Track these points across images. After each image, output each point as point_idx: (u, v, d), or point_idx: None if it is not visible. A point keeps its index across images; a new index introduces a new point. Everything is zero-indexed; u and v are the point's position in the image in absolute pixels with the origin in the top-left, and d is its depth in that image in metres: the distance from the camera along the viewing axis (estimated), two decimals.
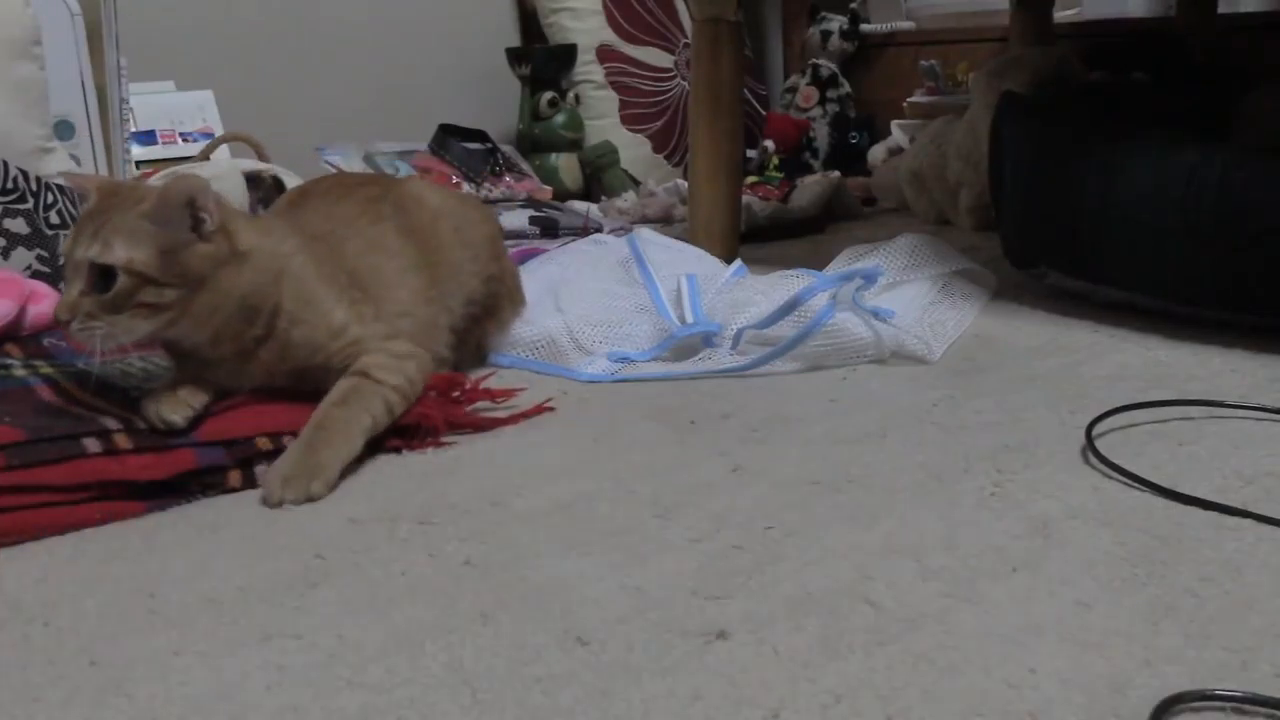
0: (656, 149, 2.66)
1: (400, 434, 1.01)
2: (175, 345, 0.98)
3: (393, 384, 0.99)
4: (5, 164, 1.43)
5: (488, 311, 1.24)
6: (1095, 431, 0.94)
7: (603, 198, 2.44)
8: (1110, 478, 0.86)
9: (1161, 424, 0.98)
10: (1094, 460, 0.89)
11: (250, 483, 0.92)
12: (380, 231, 1.12)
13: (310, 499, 0.89)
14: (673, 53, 2.75)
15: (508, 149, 2.37)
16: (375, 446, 0.99)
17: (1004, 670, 0.61)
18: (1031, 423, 1.00)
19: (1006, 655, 0.63)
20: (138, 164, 1.85)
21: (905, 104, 2.60)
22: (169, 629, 0.70)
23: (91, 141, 1.63)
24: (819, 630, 0.66)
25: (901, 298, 1.31)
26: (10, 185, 1.43)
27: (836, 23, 2.86)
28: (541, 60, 2.59)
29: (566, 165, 2.54)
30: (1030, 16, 2.23)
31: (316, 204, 1.14)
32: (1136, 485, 0.84)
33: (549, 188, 2.35)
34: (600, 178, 2.55)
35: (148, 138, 2.04)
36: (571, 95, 2.61)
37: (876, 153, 2.58)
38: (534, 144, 2.54)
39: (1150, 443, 0.93)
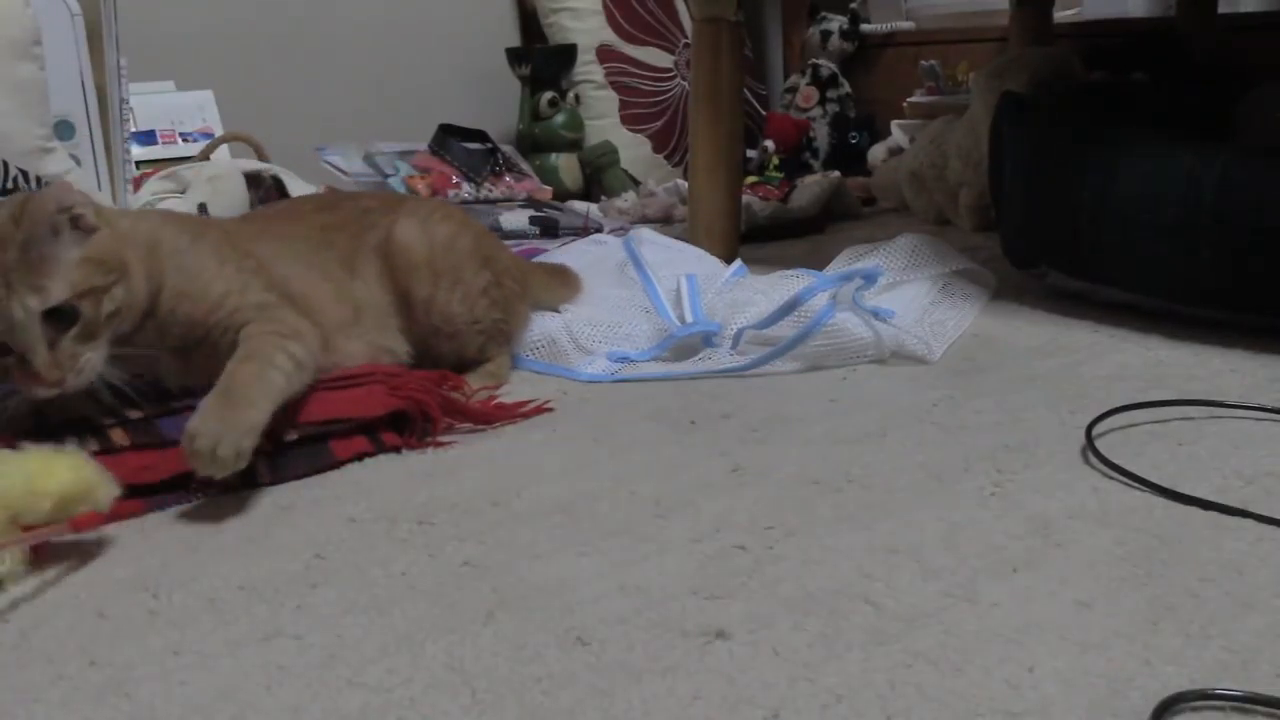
0: (656, 149, 2.66)
1: (397, 428, 1.01)
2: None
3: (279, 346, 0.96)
4: (5, 164, 1.43)
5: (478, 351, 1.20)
6: (1095, 431, 0.94)
7: (603, 198, 2.44)
8: (1110, 478, 0.86)
9: (1161, 424, 0.98)
10: (1094, 460, 0.89)
11: (250, 481, 0.92)
12: (325, 256, 1.11)
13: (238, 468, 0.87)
14: (673, 53, 2.75)
15: (508, 149, 2.37)
16: (377, 444, 0.99)
17: (1004, 670, 0.61)
18: (1031, 423, 1.00)
19: (1006, 655, 0.63)
20: (137, 164, 1.85)
21: (905, 104, 2.60)
22: (169, 629, 0.70)
23: (91, 141, 1.63)
24: (819, 630, 0.66)
25: (902, 298, 1.31)
26: (10, 185, 1.43)
27: (836, 23, 2.86)
28: (541, 60, 2.59)
29: (566, 165, 2.54)
30: (1030, 16, 2.23)
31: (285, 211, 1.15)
32: (1136, 485, 0.84)
33: (549, 188, 2.34)
34: (600, 178, 2.55)
35: (148, 138, 2.04)
36: (571, 95, 2.61)
37: (876, 153, 2.58)
38: (534, 144, 2.54)
39: (1150, 443, 0.93)
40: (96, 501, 0.80)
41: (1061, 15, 2.43)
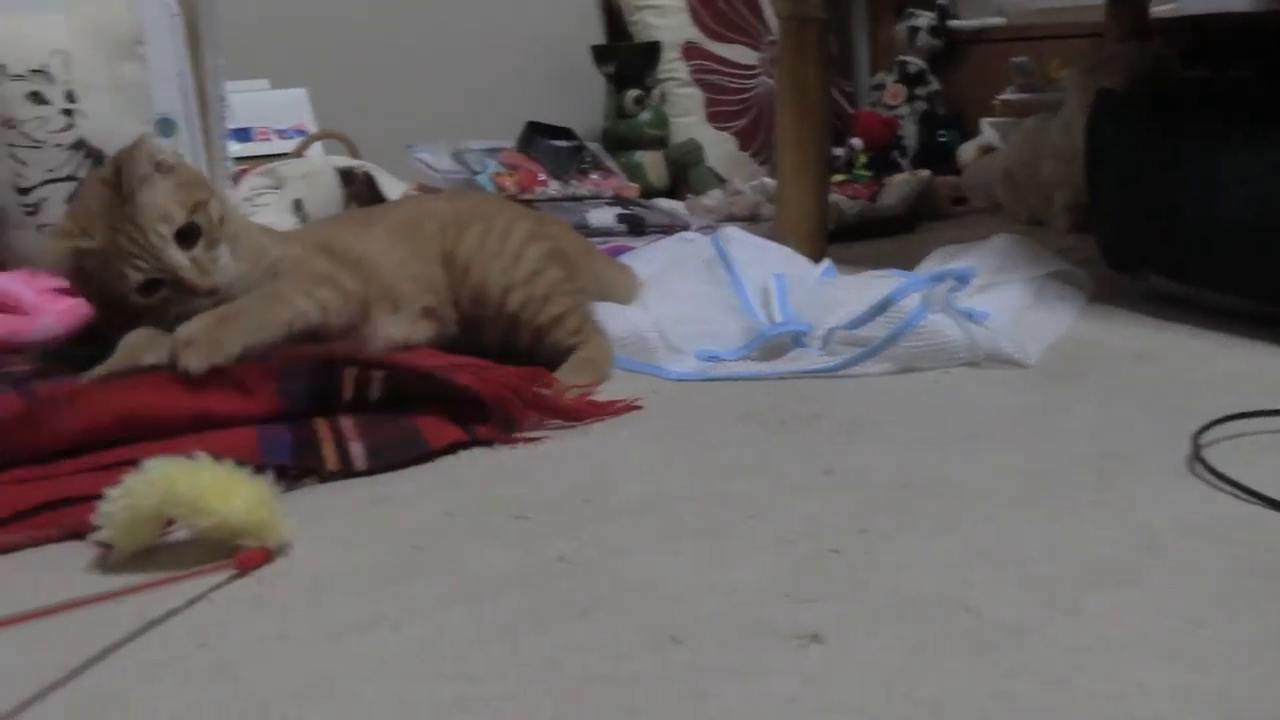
0: (742, 146, 2.65)
1: (482, 418, 1.02)
2: None
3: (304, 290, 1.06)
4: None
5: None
6: (1202, 440, 0.91)
7: (688, 195, 2.44)
8: (1219, 489, 0.84)
9: (1273, 434, 0.95)
10: (1201, 471, 0.87)
11: (348, 470, 0.94)
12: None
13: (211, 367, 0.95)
14: (758, 49, 2.74)
15: (594, 146, 2.38)
16: (470, 437, 1.00)
17: (1113, 685, 0.60)
18: (1133, 430, 0.97)
19: (1114, 670, 0.61)
20: (235, 160, 1.89)
21: (996, 101, 2.56)
22: (274, 614, 0.71)
23: (191, 139, 1.67)
24: (916, 637, 0.65)
25: (995, 300, 1.29)
26: None
27: (924, 19, 2.82)
28: (626, 58, 2.60)
29: (652, 162, 2.54)
30: (1126, 11, 2.17)
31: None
32: (1247, 497, 0.82)
33: (635, 185, 2.35)
34: (686, 175, 2.55)
35: (244, 135, 2.09)
36: (657, 92, 2.62)
37: (966, 151, 2.54)
38: (620, 141, 2.55)
39: (1262, 454, 0.90)
40: (265, 539, 0.78)
41: (1159, 10, 2.37)
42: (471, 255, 1.21)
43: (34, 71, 1.43)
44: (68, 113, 1.45)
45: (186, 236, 1.03)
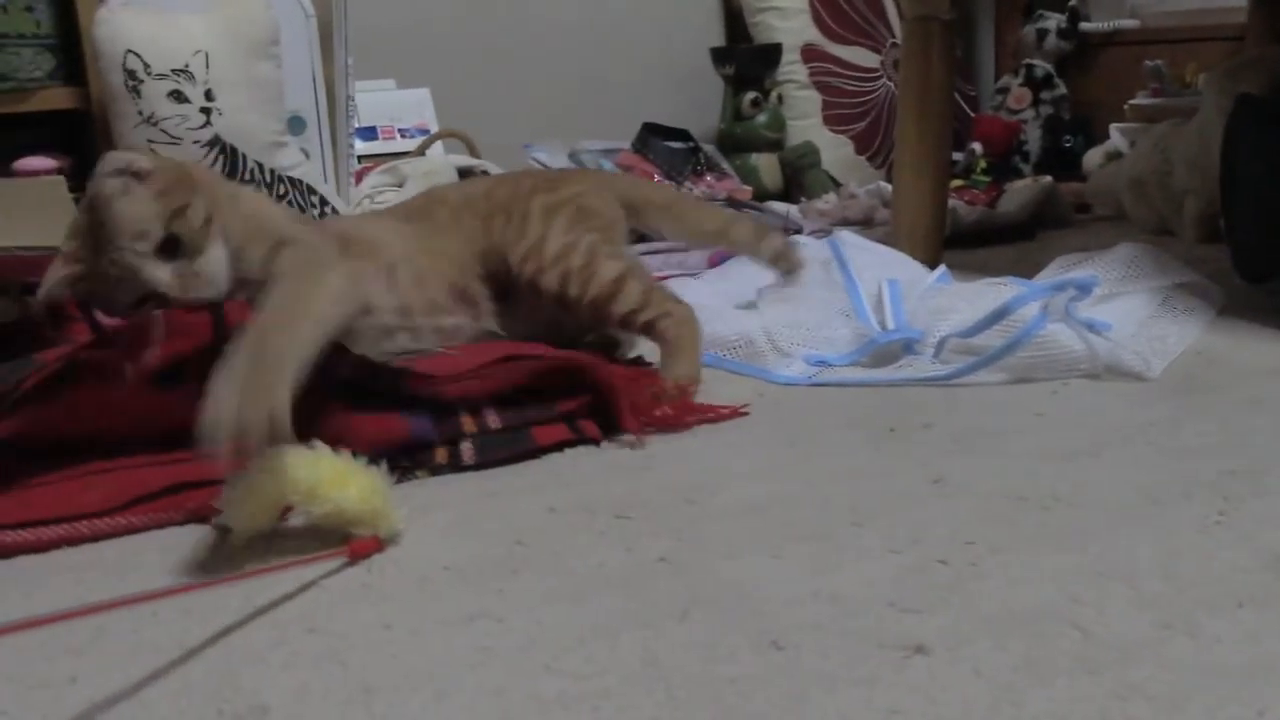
0: (859, 150, 2.63)
1: (591, 414, 1.03)
2: None
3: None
4: (243, 156, 1.53)
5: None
6: None
7: (802, 199, 2.42)
8: None
9: None
10: None
11: (455, 463, 0.96)
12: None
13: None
14: (879, 52, 2.70)
15: (709, 148, 2.39)
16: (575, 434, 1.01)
17: (1229, 711, 0.57)
18: (1261, 448, 0.93)
19: (1231, 695, 0.59)
20: (359, 158, 1.95)
21: (1127, 106, 2.48)
22: (381, 603, 0.73)
23: (320, 136, 1.73)
24: (1023, 652, 0.64)
25: (1118, 310, 1.25)
26: (247, 176, 1.53)
27: (1054, 21, 2.75)
28: (746, 60, 2.59)
29: (767, 165, 2.53)
30: (1270, 14, 2.08)
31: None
32: None
33: (749, 188, 2.34)
34: (801, 179, 2.53)
35: (369, 133, 2.15)
36: (774, 95, 2.60)
37: (1093, 157, 2.47)
38: (735, 143, 2.55)
39: None
40: (377, 527, 0.80)
41: None
42: (500, 240, 1.17)
43: (176, 71, 1.49)
44: (205, 111, 1.51)
45: (168, 249, 0.96)
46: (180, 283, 0.96)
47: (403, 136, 2.17)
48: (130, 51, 1.46)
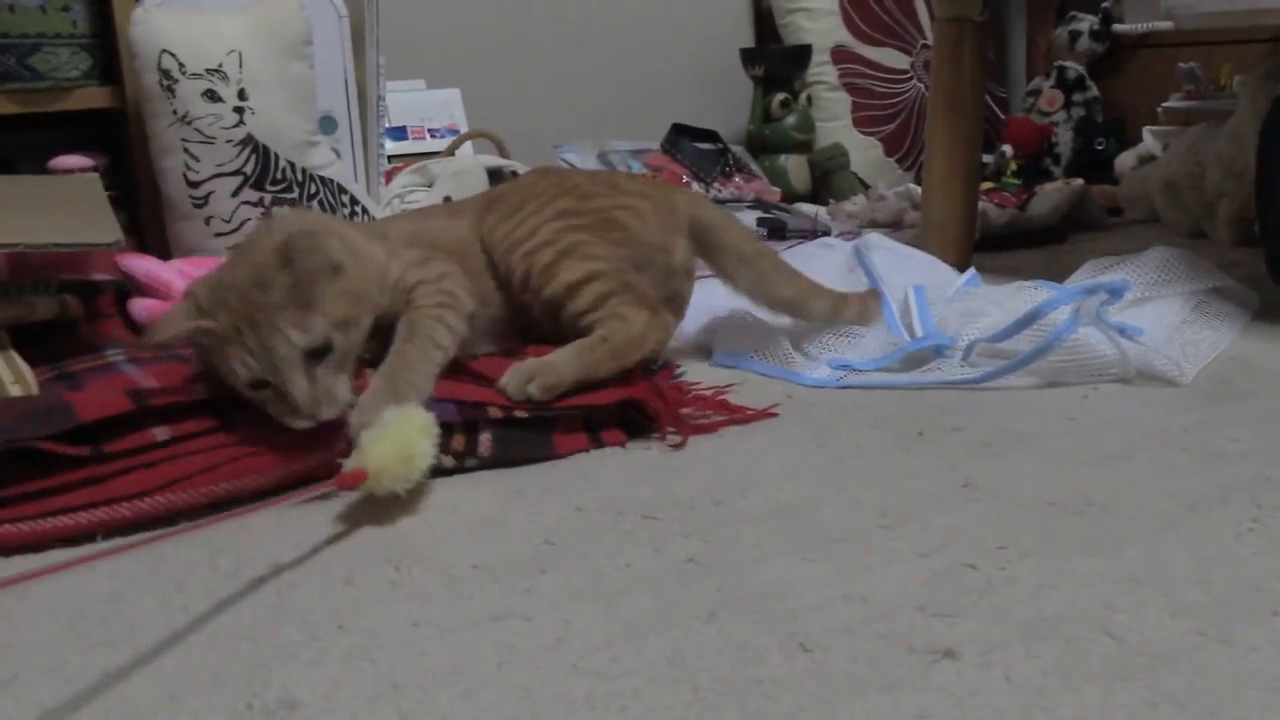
0: (888, 152, 2.61)
1: (612, 425, 1.03)
2: None
3: (436, 303, 1.02)
4: (276, 156, 1.54)
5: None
6: None
7: (831, 201, 2.41)
8: None
9: None
10: None
11: (472, 451, 0.97)
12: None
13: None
14: (910, 54, 2.69)
15: (738, 149, 2.38)
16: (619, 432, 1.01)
17: (1264, 719, 0.57)
18: None
19: (1267, 704, 0.58)
20: (390, 158, 1.96)
21: (1160, 109, 2.45)
22: (409, 601, 0.74)
23: (351, 136, 1.74)
24: (1055, 658, 0.63)
25: (1151, 314, 1.24)
26: (279, 175, 1.54)
27: (1086, 22, 2.72)
28: (776, 61, 2.58)
29: (795, 167, 2.52)
30: None
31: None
32: None
33: (777, 189, 2.34)
34: (829, 180, 2.52)
35: (399, 133, 2.16)
36: (804, 96, 2.60)
37: (1125, 160, 2.44)
38: (764, 145, 2.54)
39: None
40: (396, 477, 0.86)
41: None
42: (491, 235, 1.16)
43: (210, 71, 1.50)
44: (239, 110, 1.52)
45: (317, 352, 0.91)
46: (313, 401, 0.89)
47: (433, 136, 2.18)
48: (165, 51, 1.48)
